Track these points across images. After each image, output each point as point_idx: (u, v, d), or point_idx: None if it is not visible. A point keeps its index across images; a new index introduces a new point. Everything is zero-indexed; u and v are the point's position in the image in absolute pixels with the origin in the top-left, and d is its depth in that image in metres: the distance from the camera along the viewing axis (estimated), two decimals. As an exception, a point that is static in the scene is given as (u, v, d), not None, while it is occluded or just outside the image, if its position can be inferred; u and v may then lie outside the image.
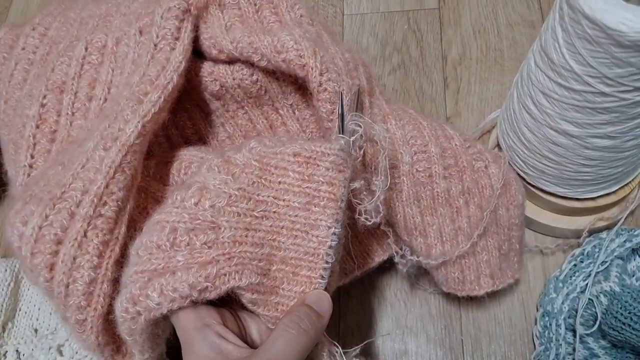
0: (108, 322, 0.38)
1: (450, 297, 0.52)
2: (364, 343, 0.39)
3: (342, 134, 0.38)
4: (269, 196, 0.36)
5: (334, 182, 0.36)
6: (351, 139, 0.38)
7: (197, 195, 0.35)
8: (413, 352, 0.50)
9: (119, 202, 0.38)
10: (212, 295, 0.34)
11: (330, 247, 0.36)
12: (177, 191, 0.36)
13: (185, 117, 0.49)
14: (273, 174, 0.37)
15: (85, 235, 0.36)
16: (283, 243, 0.36)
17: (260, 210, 0.36)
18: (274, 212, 0.36)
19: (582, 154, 0.44)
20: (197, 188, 0.36)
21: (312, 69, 0.42)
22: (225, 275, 0.34)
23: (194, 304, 0.34)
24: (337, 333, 0.52)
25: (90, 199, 0.36)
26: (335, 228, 0.36)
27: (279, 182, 0.37)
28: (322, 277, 0.36)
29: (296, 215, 0.36)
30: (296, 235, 0.36)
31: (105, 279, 0.37)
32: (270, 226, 0.36)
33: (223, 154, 0.38)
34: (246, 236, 0.35)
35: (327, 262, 0.36)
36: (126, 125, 0.39)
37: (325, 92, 0.42)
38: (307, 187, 0.36)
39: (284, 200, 0.36)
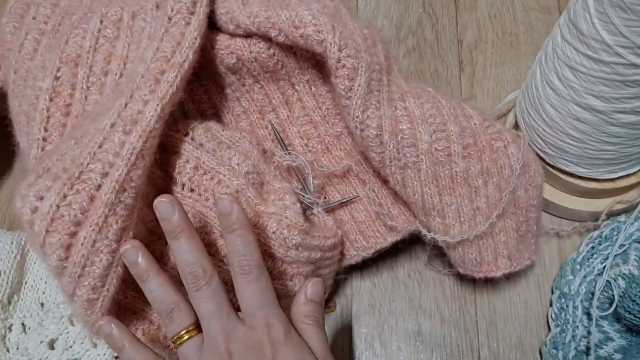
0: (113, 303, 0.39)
1: (465, 279, 0.51)
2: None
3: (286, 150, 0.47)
4: None
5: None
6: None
7: None
8: (427, 333, 0.50)
9: (137, 190, 0.37)
10: None
11: None
12: None
13: (201, 90, 0.49)
14: None
15: (106, 220, 0.36)
16: None
17: None
18: None
19: (606, 130, 0.43)
20: None
21: (330, 44, 0.41)
22: None
23: None
24: (350, 313, 0.51)
25: (112, 185, 0.36)
26: None
27: None
28: None
29: None
30: None
31: (120, 262, 0.37)
32: None
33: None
34: None
35: None
36: (145, 107, 0.38)
37: (344, 69, 0.41)
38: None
39: None
